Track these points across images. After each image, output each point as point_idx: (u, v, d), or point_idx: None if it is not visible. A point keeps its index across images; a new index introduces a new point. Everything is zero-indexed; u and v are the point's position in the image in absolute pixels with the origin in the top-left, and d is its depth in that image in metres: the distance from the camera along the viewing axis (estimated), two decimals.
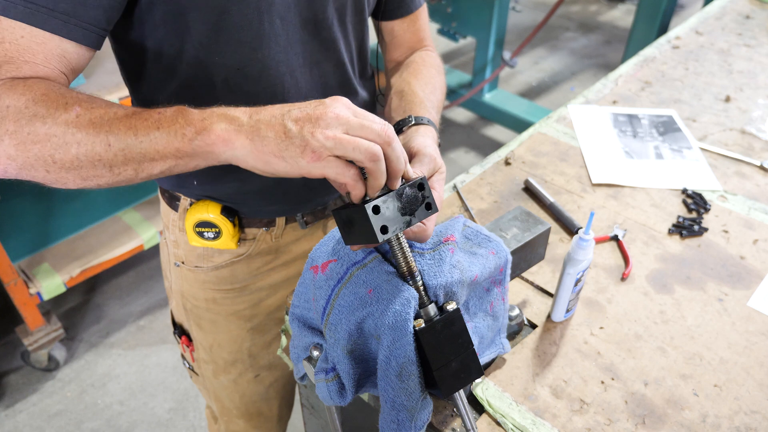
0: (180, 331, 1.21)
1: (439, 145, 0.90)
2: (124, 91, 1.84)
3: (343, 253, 0.73)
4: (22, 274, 2.08)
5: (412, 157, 0.78)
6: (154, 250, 2.61)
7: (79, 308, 2.41)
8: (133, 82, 0.92)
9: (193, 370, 1.25)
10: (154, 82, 0.88)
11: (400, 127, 0.88)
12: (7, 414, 2.04)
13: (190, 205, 1.01)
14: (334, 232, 0.77)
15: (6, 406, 2.06)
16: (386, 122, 0.64)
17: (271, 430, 1.36)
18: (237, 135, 0.63)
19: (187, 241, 1.05)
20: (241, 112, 0.65)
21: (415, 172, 0.71)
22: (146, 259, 2.60)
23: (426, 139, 0.82)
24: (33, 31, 0.69)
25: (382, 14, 1.06)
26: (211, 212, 0.98)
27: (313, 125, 0.61)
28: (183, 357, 1.27)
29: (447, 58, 4.13)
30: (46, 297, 2.06)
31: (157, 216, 2.33)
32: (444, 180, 0.79)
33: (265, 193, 1.00)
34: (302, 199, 1.04)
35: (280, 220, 1.05)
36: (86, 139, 0.65)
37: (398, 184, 0.64)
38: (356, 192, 0.63)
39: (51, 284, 2.06)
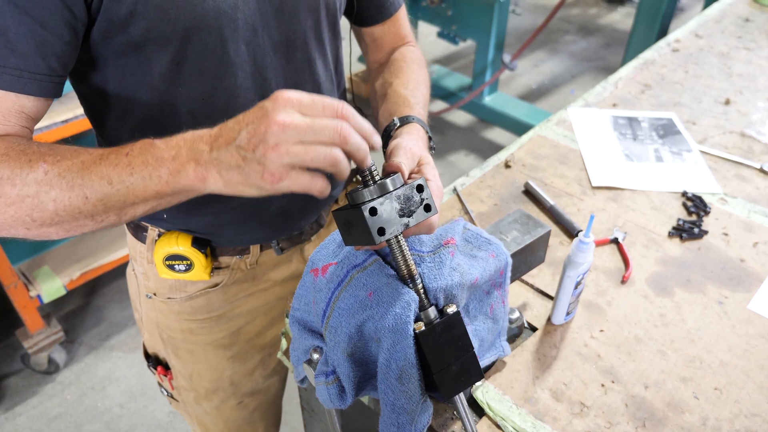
0: (155, 362, 1.16)
1: (430, 138, 0.89)
2: None
3: (344, 256, 0.73)
4: (23, 276, 2.08)
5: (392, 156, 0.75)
6: None
7: (79, 311, 2.41)
8: (95, 115, 0.88)
9: (172, 397, 1.20)
10: (117, 115, 0.84)
11: (388, 133, 0.86)
12: (6, 417, 2.04)
13: (158, 236, 0.97)
14: (334, 234, 0.77)
15: (6, 409, 2.06)
16: (339, 101, 0.60)
17: None
18: (207, 172, 0.61)
19: (157, 273, 1.00)
20: (204, 143, 0.62)
21: (394, 164, 0.69)
22: None
23: (405, 136, 0.80)
24: None
25: (362, 21, 1.04)
26: (181, 245, 0.94)
27: (264, 145, 0.57)
28: (160, 385, 1.21)
29: (447, 61, 4.13)
30: (46, 300, 2.06)
31: None
32: (435, 169, 0.76)
33: (238, 223, 0.96)
34: (277, 226, 1.00)
35: (255, 248, 1.01)
36: (61, 195, 0.64)
37: (369, 162, 0.62)
38: (339, 176, 0.60)
39: (51, 287, 2.06)
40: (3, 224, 0.66)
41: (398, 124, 0.86)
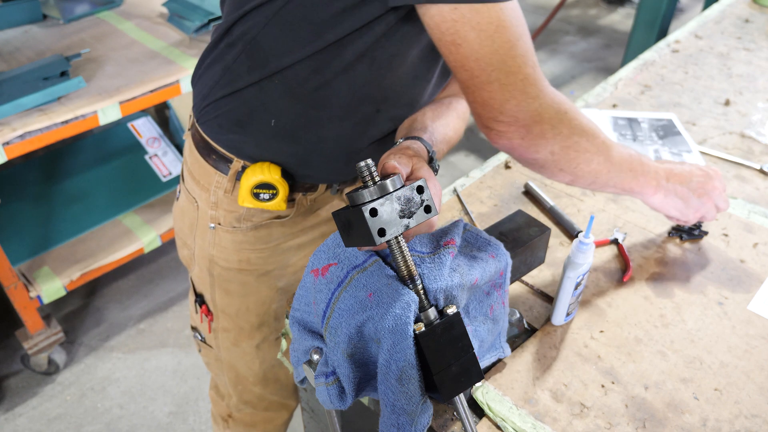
0: (201, 300, 1.22)
1: (432, 159, 0.87)
2: (124, 95, 1.84)
3: (344, 257, 0.73)
4: (23, 277, 2.08)
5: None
6: (155, 254, 2.61)
7: (79, 312, 2.41)
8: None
9: (205, 342, 1.26)
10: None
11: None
12: (6, 418, 2.04)
13: (243, 168, 1.02)
14: (335, 235, 0.77)
15: (6, 410, 2.06)
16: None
17: (286, 398, 1.38)
18: (659, 192, 0.94)
19: (230, 201, 1.05)
20: (662, 175, 0.94)
21: (392, 164, 0.70)
22: (146, 262, 2.60)
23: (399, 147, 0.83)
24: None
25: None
26: (273, 173, 1.00)
27: (706, 197, 0.98)
28: (194, 329, 1.27)
29: None
30: (46, 300, 2.06)
31: (158, 220, 2.33)
32: (431, 171, 0.77)
33: (325, 161, 1.01)
34: (352, 170, 1.05)
35: (322, 187, 1.07)
36: (599, 167, 0.84)
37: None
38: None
39: (51, 288, 2.06)
40: (557, 161, 0.81)
41: (401, 141, 0.86)
